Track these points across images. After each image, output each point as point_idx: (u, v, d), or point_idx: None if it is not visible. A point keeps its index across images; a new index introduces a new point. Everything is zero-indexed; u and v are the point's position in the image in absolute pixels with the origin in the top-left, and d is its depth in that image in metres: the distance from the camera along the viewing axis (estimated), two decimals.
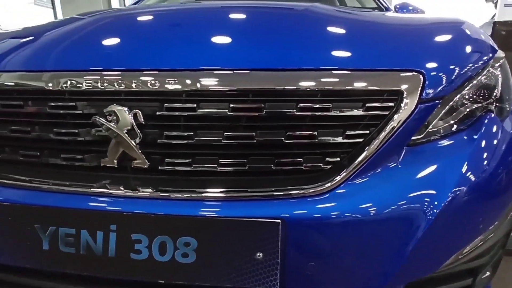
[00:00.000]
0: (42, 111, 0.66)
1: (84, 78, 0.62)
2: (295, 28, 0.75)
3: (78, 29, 0.83)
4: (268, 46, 0.64)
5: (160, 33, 0.70)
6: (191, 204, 0.60)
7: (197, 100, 0.60)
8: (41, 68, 0.66)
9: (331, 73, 0.60)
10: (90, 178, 0.65)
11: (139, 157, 0.63)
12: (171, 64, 0.62)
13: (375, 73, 0.61)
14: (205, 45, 0.65)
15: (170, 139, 0.61)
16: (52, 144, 0.68)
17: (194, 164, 0.62)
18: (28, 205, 0.64)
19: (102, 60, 0.65)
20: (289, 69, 0.60)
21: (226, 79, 0.59)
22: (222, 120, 0.60)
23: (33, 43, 0.77)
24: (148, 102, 0.62)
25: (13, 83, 0.67)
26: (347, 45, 0.67)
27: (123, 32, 0.77)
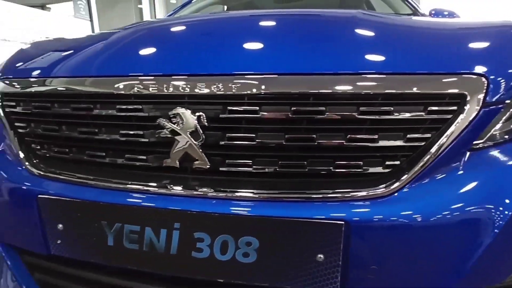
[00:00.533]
0: (109, 114, 0.70)
1: (150, 83, 0.66)
2: (351, 33, 0.76)
3: (137, 38, 0.88)
4: (329, 51, 0.66)
5: (220, 39, 0.73)
6: (254, 204, 0.61)
7: (260, 103, 0.62)
8: (109, 73, 0.70)
9: (393, 77, 0.60)
10: (153, 178, 0.68)
11: (201, 158, 0.65)
12: (234, 68, 0.64)
13: (438, 77, 0.60)
14: (266, 51, 0.67)
15: (231, 141, 0.63)
16: (117, 145, 0.71)
17: (254, 165, 0.64)
18: (96, 202, 0.67)
19: (167, 65, 0.68)
20: (350, 73, 0.61)
21: (288, 83, 0.61)
22: (283, 123, 0.62)
23: (97, 51, 0.83)
24: (212, 105, 0.64)
25: (82, 88, 0.71)
26: (408, 50, 0.67)
27: (183, 39, 0.80)
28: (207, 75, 0.64)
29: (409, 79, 0.60)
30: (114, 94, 0.68)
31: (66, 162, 0.77)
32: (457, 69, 0.62)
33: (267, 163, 0.64)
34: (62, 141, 0.77)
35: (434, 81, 0.61)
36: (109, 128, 0.72)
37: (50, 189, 0.72)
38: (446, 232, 0.58)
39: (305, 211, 0.59)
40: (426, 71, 0.61)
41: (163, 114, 0.66)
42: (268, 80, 0.62)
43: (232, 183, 0.65)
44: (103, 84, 0.69)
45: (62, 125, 0.76)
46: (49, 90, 0.75)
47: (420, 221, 0.57)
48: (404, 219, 0.57)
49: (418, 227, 0.58)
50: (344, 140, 0.61)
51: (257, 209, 0.60)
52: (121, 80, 0.68)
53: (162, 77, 0.66)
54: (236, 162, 0.65)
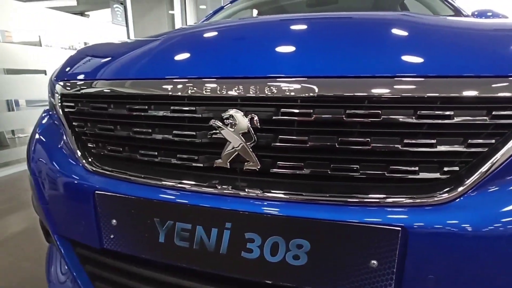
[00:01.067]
0: (163, 115, 0.72)
1: (204, 85, 0.67)
2: (402, 35, 0.74)
3: (187, 41, 0.91)
4: (384, 53, 0.65)
5: (270, 42, 0.74)
6: (306, 206, 0.61)
7: (313, 105, 0.62)
8: (164, 76, 0.73)
9: (455, 80, 0.58)
10: (204, 178, 0.70)
11: (252, 159, 0.66)
12: (287, 71, 0.64)
13: (503, 79, 0.58)
14: (319, 53, 0.68)
15: (283, 143, 0.64)
16: (169, 145, 0.74)
17: (306, 168, 0.64)
18: (149, 200, 0.70)
19: (221, 68, 0.70)
20: (407, 76, 0.59)
21: (342, 86, 0.60)
22: (336, 125, 0.61)
23: (149, 54, 0.86)
24: (264, 107, 0.65)
25: (137, 90, 0.74)
26: (467, 52, 0.65)
27: (233, 42, 0.82)
28: (260, 77, 0.65)
29: (471, 82, 0.58)
30: (168, 95, 0.71)
31: (120, 160, 0.81)
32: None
33: (319, 166, 0.64)
34: (116, 140, 0.81)
35: (498, 84, 0.58)
36: (162, 129, 0.74)
37: (106, 186, 0.75)
38: (510, 244, 0.55)
39: (359, 215, 0.58)
40: (488, 73, 0.59)
41: (216, 115, 0.68)
42: (322, 82, 0.61)
43: (283, 185, 0.65)
44: (158, 86, 0.72)
45: (117, 125, 0.80)
46: (105, 91, 0.79)
47: (482, 230, 0.55)
48: (465, 228, 0.55)
49: (479, 236, 0.55)
50: (400, 144, 0.60)
51: (309, 211, 0.60)
52: (175, 82, 0.70)
53: (216, 80, 0.67)
54: (287, 164, 0.65)
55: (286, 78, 0.63)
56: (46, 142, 0.95)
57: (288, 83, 0.62)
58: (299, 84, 0.62)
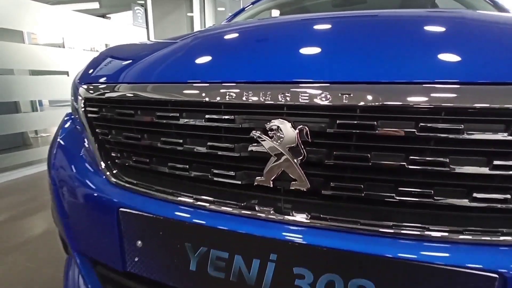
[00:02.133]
0: (196, 124, 0.63)
1: (245, 91, 0.58)
2: (475, 36, 0.63)
3: (219, 43, 0.82)
4: (475, 57, 0.54)
5: (319, 42, 0.64)
6: (369, 239, 0.50)
7: (376, 116, 0.51)
8: (197, 79, 0.64)
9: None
10: (243, 198, 0.61)
11: (300, 178, 0.56)
12: (344, 76, 0.54)
13: None
14: (382, 55, 0.57)
15: (339, 160, 0.54)
16: (202, 158, 0.65)
17: (366, 191, 0.53)
18: (180, 221, 0.61)
19: (264, 72, 0.60)
20: (503, 83, 0.48)
21: (415, 93, 0.50)
22: (407, 141, 0.51)
23: (179, 56, 0.78)
24: (316, 118, 0.55)
25: (166, 95, 0.66)
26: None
27: (272, 43, 0.73)
28: (312, 82, 0.55)
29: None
30: (203, 102, 0.62)
31: (146, 173, 0.73)
32: None
33: (383, 189, 0.53)
34: (143, 150, 0.73)
35: None
36: (194, 139, 0.66)
37: (132, 202, 0.67)
38: None
39: (437, 253, 0.47)
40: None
41: (257, 126, 0.58)
42: (388, 89, 0.51)
43: (338, 210, 0.55)
44: (191, 91, 0.64)
45: (144, 134, 0.72)
46: (128, 96, 0.71)
47: None
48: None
49: None
50: (489, 166, 0.48)
51: (373, 245, 0.50)
52: (210, 88, 0.62)
53: (259, 85, 0.58)
54: (343, 185, 0.55)
55: (343, 84, 0.53)
56: (68, 148, 0.88)
57: (346, 90, 0.52)
58: (359, 91, 0.52)
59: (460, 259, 0.45)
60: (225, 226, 0.57)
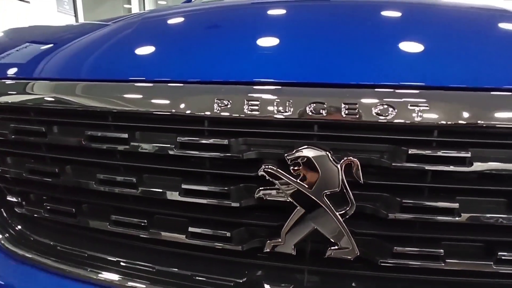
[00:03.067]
0: (161, 153, 0.37)
1: (246, 96, 0.34)
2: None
3: (195, 24, 0.55)
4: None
5: (357, 26, 0.43)
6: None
7: (468, 143, 0.32)
8: (160, 75, 0.39)
9: None
10: (241, 271, 0.37)
11: (346, 241, 0.34)
12: (407, 76, 0.34)
13: None
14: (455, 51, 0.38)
15: (409, 213, 0.33)
16: (173, 209, 0.39)
17: (448, 258, 0.34)
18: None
19: (276, 67, 0.37)
20: None
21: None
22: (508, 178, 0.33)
23: (119, 42, 0.50)
24: (369, 143, 0.34)
25: (98, 103, 0.39)
26: None
27: (279, 27, 0.49)
28: (359, 86, 0.33)
29: None
30: (172, 115, 0.36)
31: (72, 234, 0.44)
32: None
33: (472, 253, 0.34)
34: (66, 194, 0.44)
35: None
36: (158, 178, 0.40)
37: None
38: None
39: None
40: None
41: (270, 156, 0.35)
42: (488, 99, 0.32)
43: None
44: (150, 95, 0.38)
45: (64, 166, 0.43)
46: (51, 101, 0.42)
47: None
48: None
49: None
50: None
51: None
52: (187, 90, 0.37)
53: (269, 87, 0.35)
54: (416, 251, 0.34)
55: (419, 89, 0.33)
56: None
57: (414, 99, 0.32)
58: (444, 100, 0.32)
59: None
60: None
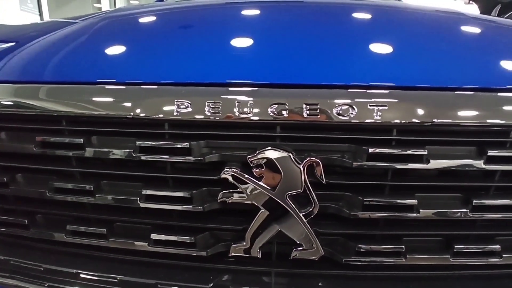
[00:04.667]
0: (119, 158, 0.36)
1: (207, 99, 0.34)
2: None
3: (166, 21, 0.53)
4: None
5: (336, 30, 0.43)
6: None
7: (425, 141, 0.33)
8: (119, 78, 0.37)
9: None
10: (206, 277, 0.36)
11: (310, 242, 0.34)
12: (373, 77, 0.34)
13: None
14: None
15: (371, 211, 0.34)
16: (133, 216, 0.38)
17: (409, 254, 0.34)
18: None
19: (239, 67, 0.36)
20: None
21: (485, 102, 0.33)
22: (466, 176, 0.34)
23: (89, 40, 0.48)
24: (331, 143, 0.34)
25: (58, 105, 0.37)
26: None
27: (249, 27, 0.48)
28: (320, 87, 0.34)
29: None
30: (131, 118, 0.35)
31: (26, 247, 0.41)
32: None
33: (432, 248, 0.35)
34: (17, 204, 0.41)
35: None
36: (116, 184, 0.38)
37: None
38: None
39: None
40: None
41: (232, 158, 0.35)
42: (442, 99, 0.33)
43: (374, 285, 0.35)
44: (107, 98, 0.36)
45: (16, 174, 0.40)
46: (9, 105, 0.39)
47: None
48: None
49: None
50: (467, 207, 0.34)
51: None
52: (146, 92, 0.35)
53: (230, 88, 0.34)
54: (378, 248, 0.35)
55: (378, 89, 0.33)
56: None
57: (376, 99, 0.33)
58: (402, 100, 0.33)
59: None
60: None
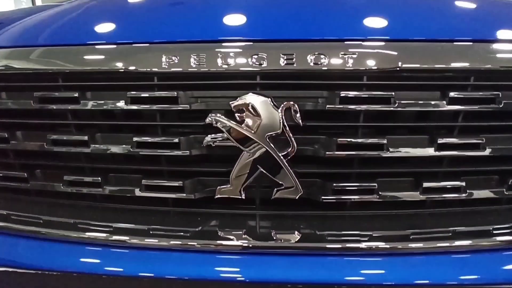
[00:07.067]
0: (112, 109, 0.39)
1: (190, 52, 0.37)
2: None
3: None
4: None
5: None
6: (391, 261, 0.34)
7: (393, 85, 0.36)
8: (110, 38, 0.40)
9: None
10: (195, 221, 0.39)
11: (290, 181, 0.37)
12: (347, 30, 0.38)
13: None
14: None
15: (344, 151, 0.37)
16: (125, 164, 0.41)
17: (382, 191, 0.37)
18: (92, 275, 0.35)
19: (221, 25, 0.40)
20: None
21: (443, 53, 0.36)
22: (430, 116, 0.37)
23: (77, 8, 0.51)
24: (307, 90, 0.37)
25: (60, 64, 0.40)
26: None
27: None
28: (295, 40, 0.37)
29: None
30: (122, 72, 0.38)
31: (25, 198, 0.44)
32: None
33: (403, 186, 0.38)
34: (16, 158, 0.44)
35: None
36: (110, 135, 0.41)
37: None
38: None
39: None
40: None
41: (216, 106, 0.38)
42: (407, 48, 0.37)
43: (348, 222, 0.38)
44: (99, 56, 0.39)
45: (16, 129, 0.43)
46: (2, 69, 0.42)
47: None
48: None
49: None
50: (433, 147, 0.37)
51: (396, 270, 0.34)
52: (136, 50, 0.39)
53: (215, 43, 0.38)
54: (352, 185, 0.38)
55: (343, 42, 0.37)
56: None
57: (349, 49, 0.36)
58: (368, 49, 0.36)
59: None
60: (171, 273, 0.34)
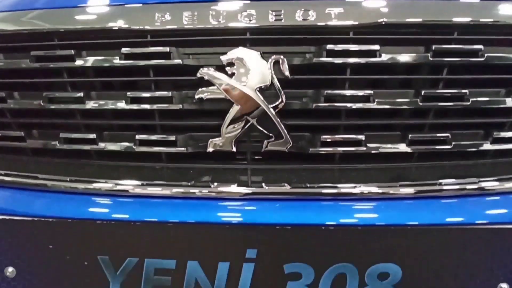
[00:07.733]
0: (106, 66, 0.40)
1: (182, 10, 0.38)
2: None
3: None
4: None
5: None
6: (379, 205, 0.36)
7: (380, 39, 0.38)
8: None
9: None
10: (189, 174, 0.40)
11: (279, 133, 0.38)
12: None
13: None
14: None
15: (331, 102, 0.38)
16: (120, 119, 0.42)
17: (369, 143, 0.39)
18: (89, 220, 0.37)
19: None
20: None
21: (429, 8, 0.38)
22: (416, 70, 0.39)
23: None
24: (295, 45, 0.39)
25: (53, 24, 0.41)
26: None
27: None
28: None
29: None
30: (116, 30, 0.39)
31: (23, 156, 0.45)
32: None
33: (390, 139, 0.40)
34: (13, 117, 0.45)
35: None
36: (104, 92, 0.42)
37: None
38: None
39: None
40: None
41: (208, 62, 0.39)
42: (392, 3, 0.38)
43: (337, 174, 0.39)
44: (92, 16, 0.40)
45: (13, 90, 0.44)
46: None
47: None
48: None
49: None
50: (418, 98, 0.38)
51: (384, 213, 0.36)
52: (129, 9, 0.40)
53: (203, 3, 0.39)
54: (340, 137, 0.39)
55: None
56: None
57: (335, 4, 0.37)
58: (352, 5, 0.37)
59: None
60: (165, 218, 0.36)
